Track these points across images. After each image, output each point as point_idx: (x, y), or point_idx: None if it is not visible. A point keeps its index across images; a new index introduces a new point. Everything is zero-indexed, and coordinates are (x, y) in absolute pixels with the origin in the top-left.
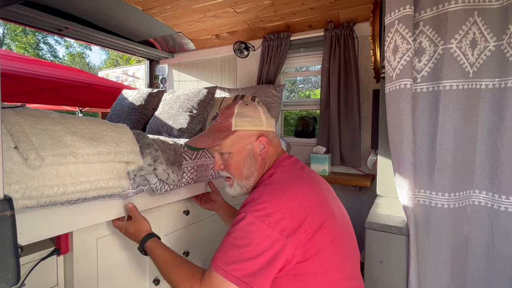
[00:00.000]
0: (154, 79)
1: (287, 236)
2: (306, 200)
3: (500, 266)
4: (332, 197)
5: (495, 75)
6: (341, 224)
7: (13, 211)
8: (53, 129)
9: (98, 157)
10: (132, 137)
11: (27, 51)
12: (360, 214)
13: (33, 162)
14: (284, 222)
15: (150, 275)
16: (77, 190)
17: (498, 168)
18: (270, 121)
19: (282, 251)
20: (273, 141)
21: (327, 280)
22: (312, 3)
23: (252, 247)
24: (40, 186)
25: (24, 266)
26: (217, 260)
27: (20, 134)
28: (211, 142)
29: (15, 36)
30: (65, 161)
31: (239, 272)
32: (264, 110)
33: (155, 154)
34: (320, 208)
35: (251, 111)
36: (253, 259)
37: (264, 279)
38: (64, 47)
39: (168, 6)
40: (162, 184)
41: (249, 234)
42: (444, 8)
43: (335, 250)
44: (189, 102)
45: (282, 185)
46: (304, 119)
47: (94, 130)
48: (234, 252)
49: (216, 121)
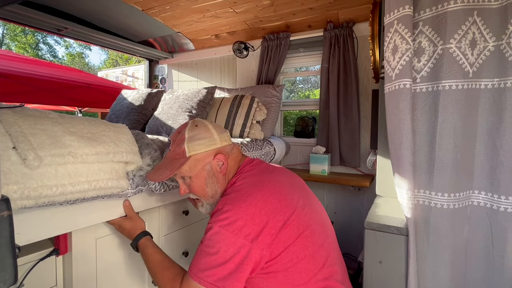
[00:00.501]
0: (153, 79)
1: (252, 240)
2: (267, 203)
3: (499, 267)
4: (297, 190)
5: (495, 75)
6: (307, 216)
7: (10, 211)
8: (51, 129)
9: (97, 157)
10: (131, 137)
11: (26, 51)
12: (360, 214)
13: (31, 162)
14: (247, 228)
15: (148, 276)
16: (75, 190)
17: (498, 169)
18: (223, 135)
19: (249, 255)
20: (231, 154)
21: (299, 273)
22: (311, 3)
23: (220, 254)
24: (39, 187)
25: (23, 267)
26: (193, 268)
27: (18, 134)
28: (169, 174)
29: (15, 36)
30: (63, 161)
31: (212, 278)
32: (215, 126)
33: (154, 155)
34: (281, 208)
35: (201, 132)
36: (223, 265)
37: (235, 282)
38: (63, 47)
39: (168, 6)
40: (161, 184)
41: (217, 243)
42: (443, 8)
43: (303, 243)
44: (188, 102)
45: (243, 192)
46: (304, 119)
47: (93, 130)
48: (205, 260)
49: (170, 150)
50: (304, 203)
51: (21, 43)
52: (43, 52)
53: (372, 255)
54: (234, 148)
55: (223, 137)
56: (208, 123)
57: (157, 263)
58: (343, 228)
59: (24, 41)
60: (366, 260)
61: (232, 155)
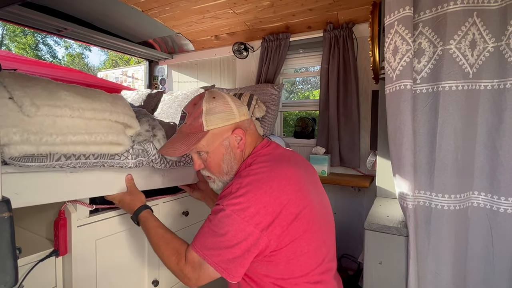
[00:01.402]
0: (153, 80)
1: (262, 229)
2: (282, 193)
3: (499, 268)
4: (312, 183)
5: (494, 76)
6: (317, 212)
7: (11, 212)
8: (47, 85)
9: (94, 113)
10: (127, 103)
11: (26, 52)
12: (360, 215)
13: (28, 108)
14: (259, 216)
15: (149, 276)
16: (76, 140)
17: (497, 169)
18: (241, 109)
19: (257, 244)
20: (249, 129)
21: (299, 266)
22: (311, 4)
23: (228, 238)
24: (38, 132)
25: (23, 268)
26: (198, 243)
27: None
28: (185, 149)
29: (14, 37)
30: (61, 113)
31: (216, 258)
32: (233, 98)
33: (152, 123)
34: (296, 201)
35: (220, 104)
36: (229, 249)
37: (238, 267)
38: (63, 47)
39: (168, 7)
40: (161, 157)
41: (226, 226)
42: (443, 9)
43: (309, 238)
44: (187, 101)
45: (259, 178)
46: (303, 120)
47: (88, 92)
48: (212, 240)
49: (186, 123)
50: (316, 197)
51: (20, 43)
52: (43, 53)
53: (372, 256)
54: (251, 124)
55: (241, 111)
56: (226, 95)
57: (160, 236)
58: (343, 228)
59: (24, 42)
60: (366, 261)
61: (250, 131)
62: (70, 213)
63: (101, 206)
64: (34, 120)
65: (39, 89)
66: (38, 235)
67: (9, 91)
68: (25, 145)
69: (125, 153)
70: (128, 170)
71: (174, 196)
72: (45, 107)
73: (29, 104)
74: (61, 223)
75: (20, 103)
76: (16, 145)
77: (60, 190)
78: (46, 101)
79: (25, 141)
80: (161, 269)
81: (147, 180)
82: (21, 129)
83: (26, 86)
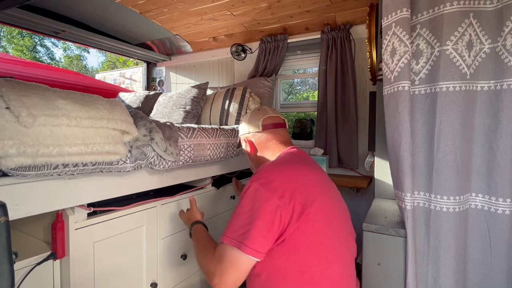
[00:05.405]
0: (151, 81)
1: (285, 202)
2: (301, 176)
3: (497, 269)
4: (328, 186)
5: (491, 77)
6: (337, 211)
7: (7, 217)
8: (44, 94)
9: (91, 122)
10: (124, 109)
11: (24, 53)
12: (358, 216)
13: (25, 119)
14: (281, 189)
15: (147, 279)
16: (73, 151)
17: (495, 171)
18: (252, 124)
19: (280, 215)
20: (260, 141)
21: (318, 258)
22: (308, 6)
23: (254, 210)
24: (35, 144)
25: (20, 271)
26: (226, 232)
27: (10, 93)
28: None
29: (12, 39)
30: (58, 122)
31: (235, 234)
32: (253, 113)
33: (149, 126)
34: (312, 186)
35: (243, 118)
36: (253, 222)
37: (263, 240)
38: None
39: (165, 9)
40: (160, 159)
41: (252, 198)
42: (440, 11)
43: (330, 231)
44: (182, 99)
45: (280, 162)
46: (302, 121)
47: (86, 99)
48: (237, 221)
49: None
50: (337, 200)
51: (18, 45)
52: (41, 55)
53: (370, 257)
54: (263, 135)
55: (251, 126)
56: (250, 112)
57: (202, 243)
58: None
59: (21, 44)
60: (365, 262)
61: (263, 142)
62: (67, 216)
63: (99, 209)
64: (31, 130)
65: (36, 98)
66: (35, 238)
67: (6, 100)
68: (22, 157)
69: (123, 157)
70: (127, 173)
71: (172, 198)
72: (42, 117)
73: (26, 115)
74: (59, 225)
75: (17, 113)
76: (12, 157)
77: (59, 198)
78: (43, 111)
79: (21, 153)
80: (159, 272)
81: (146, 181)
82: (17, 142)
83: (23, 95)
